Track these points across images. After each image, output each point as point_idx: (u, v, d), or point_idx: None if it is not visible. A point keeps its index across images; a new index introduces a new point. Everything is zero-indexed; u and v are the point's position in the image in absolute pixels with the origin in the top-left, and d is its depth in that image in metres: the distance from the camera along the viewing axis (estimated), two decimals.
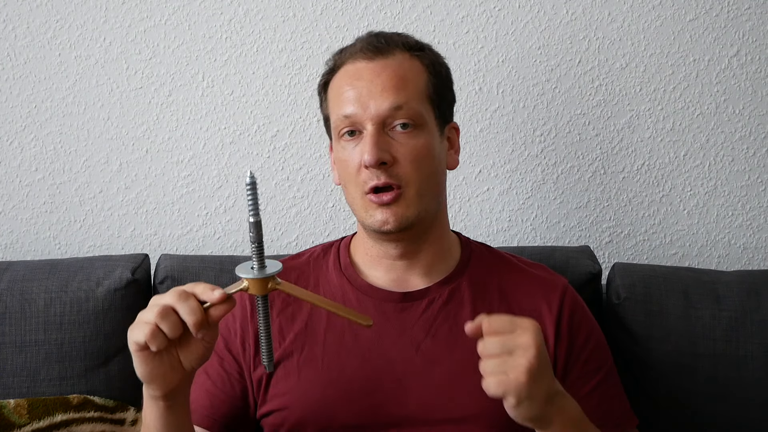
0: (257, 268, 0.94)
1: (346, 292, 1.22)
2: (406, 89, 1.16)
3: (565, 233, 1.68)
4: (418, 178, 1.16)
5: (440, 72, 1.23)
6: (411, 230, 1.18)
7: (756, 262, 1.69)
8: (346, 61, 1.20)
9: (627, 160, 1.66)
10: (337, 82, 1.21)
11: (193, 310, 0.93)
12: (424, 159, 1.17)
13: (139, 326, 0.94)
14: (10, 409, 1.34)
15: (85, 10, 1.58)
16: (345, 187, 1.21)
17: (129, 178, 1.62)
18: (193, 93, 1.61)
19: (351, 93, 1.17)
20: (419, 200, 1.16)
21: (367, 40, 1.21)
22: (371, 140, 1.14)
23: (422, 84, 1.19)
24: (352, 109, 1.16)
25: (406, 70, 1.18)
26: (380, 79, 1.16)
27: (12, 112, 1.60)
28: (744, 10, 1.63)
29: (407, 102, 1.16)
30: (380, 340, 1.18)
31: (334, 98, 1.21)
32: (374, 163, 1.13)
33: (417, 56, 1.20)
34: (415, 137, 1.16)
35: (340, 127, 1.18)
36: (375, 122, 1.15)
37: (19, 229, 1.63)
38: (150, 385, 0.99)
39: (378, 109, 1.15)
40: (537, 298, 1.22)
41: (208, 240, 1.65)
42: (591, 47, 1.63)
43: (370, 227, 1.18)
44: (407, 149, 1.15)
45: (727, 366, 1.42)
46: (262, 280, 0.94)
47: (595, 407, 1.18)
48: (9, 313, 1.40)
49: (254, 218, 0.92)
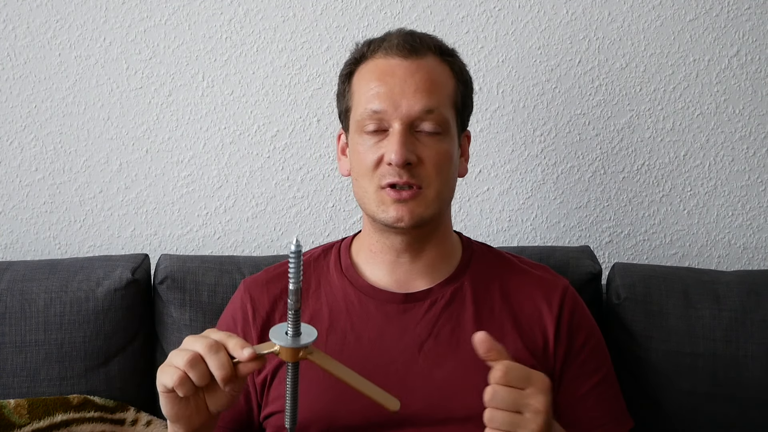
0: (291, 335, 0.92)
1: (348, 294, 1.22)
2: (438, 93, 1.16)
3: (565, 233, 1.68)
4: (439, 180, 1.16)
5: (467, 80, 1.23)
6: (420, 230, 1.18)
7: (756, 262, 1.70)
8: (377, 55, 1.18)
9: (627, 160, 1.66)
10: (366, 75, 1.19)
11: (222, 364, 0.92)
12: (445, 164, 1.17)
13: (169, 371, 0.94)
14: (10, 409, 1.34)
15: (85, 10, 1.58)
16: (356, 179, 1.19)
17: (129, 178, 1.62)
18: (193, 93, 1.61)
19: (382, 89, 1.15)
20: (436, 203, 1.17)
21: (402, 37, 1.19)
22: (400, 140, 1.13)
23: (451, 90, 1.19)
24: (382, 105, 1.15)
25: (438, 74, 1.18)
26: (414, 79, 1.15)
27: (12, 112, 1.60)
28: (744, 10, 1.63)
29: (438, 107, 1.15)
30: (382, 341, 1.18)
31: (360, 91, 1.19)
32: (401, 163, 1.13)
33: (447, 62, 1.20)
34: (440, 142, 1.16)
35: (365, 121, 1.17)
36: (404, 122, 1.14)
37: (19, 229, 1.63)
38: (175, 424, 0.99)
39: (410, 109, 1.14)
40: (538, 299, 1.22)
41: (208, 240, 1.65)
42: (591, 47, 1.63)
43: (382, 221, 1.17)
44: (432, 152, 1.15)
45: (727, 366, 1.42)
46: (294, 349, 0.93)
47: (591, 408, 1.19)
48: (9, 313, 1.40)
49: (294, 285, 0.91)
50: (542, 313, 1.21)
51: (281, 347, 0.93)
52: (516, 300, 1.22)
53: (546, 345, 1.19)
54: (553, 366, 1.19)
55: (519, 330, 1.19)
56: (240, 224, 1.65)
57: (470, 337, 1.17)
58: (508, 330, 1.19)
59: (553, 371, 1.19)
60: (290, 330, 0.92)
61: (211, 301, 1.44)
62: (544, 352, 1.19)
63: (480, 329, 1.17)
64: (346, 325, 1.19)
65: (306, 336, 0.93)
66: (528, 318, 1.20)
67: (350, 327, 1.19)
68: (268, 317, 1.22)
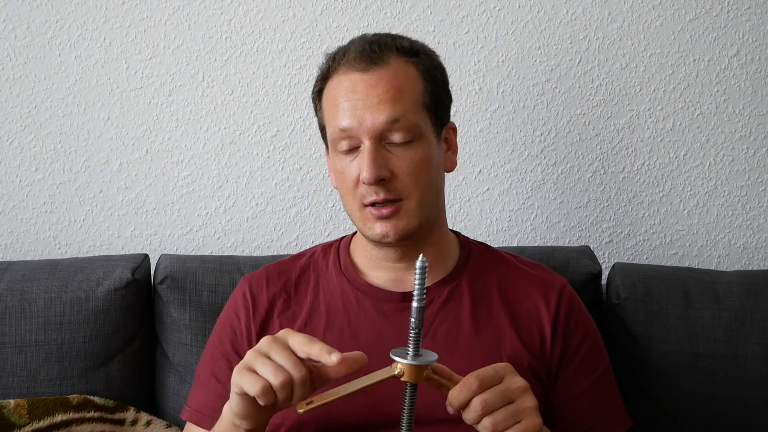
0: (412, 355, 0.92)
1: (346, 292, 1.22)
2: (402, 101, 1.14)
3: (565, 233, 1.68)
4: (418, 189, 1.15)
5: (436, 76, 1.20)
6: (411, 238, 1.18)
7: (756, 262, 1.70)
8: (340, 71, 1.17)
9: (627, 160, 1.66)
10: (332, 93, 1.18)
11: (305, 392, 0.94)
12: (422, 171, 1.16)
13: (251, 378, 0.93)
14: (10, 409, 1.34)
15: (85, 10, 1.58)
16: (343, 197, 1.20)
17: (129, 178, 1.62)
18: (193, 93, 1.61)
19: (346, 105, 1.15)
20: (420, 211, 1.16)
21: (360, 47, 1.17)
22: (369, 157, 1.13)
23: (418, 93, 1.17)
24: (348, 122, 1.14)
25: (402, 80, 1.16)
26: (375, 92, 1.14)
27: (12, 112, 1.60)
28: (744, 10, 1.63)
29: (404, 114, 1.14)
30: (379, 340, 1.18)
31: (329, 109, 1.19)
32: (373, 181, 1.12)
33: (412, 62, 1.18)
34: (413, 149, 1.15)
35: (337, 142, 1.17)
36: (371, 136, 1.13)
37: (19, 229, 1.63)
38: (241, 421, 1.00)
39: (375, 122, 1.13)
40: (535, 297, 1.22)
41: (208, 240, 1.65)
42: (591, 47, 1.63)
43: (369, 238, 1.18)
44: (405, 162, 1.14)
45: (727, 366, 1.42)
46: (418, 368, 0.92)
47: (588, 408, 1.19)
48: (9, 313, 1.40)
49: (418, 303, 0.90)
50: (540, 311, 1.21)
51: (405, 366, 0.91)
52: (513, 298, 1.22)
53: (543, 343, 1.19)
54: (550, 364, 1.19)
55: (516, 328, 1.19)
56: (240, 224, 1.65)
57: (467, 336, 1.18)
58: (506, 329, 1.19)
59: (550, 370, 1.19)
60: (411, 350, 0.91)
61: (211, 301, 1.44)
62: (541, 351, 1.19)
63: (477, 328, 1.18)
64: (343, 324, 1.19)
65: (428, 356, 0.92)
66: (525, 316, 1.21)
67: (347, 325, 1.19)
68: (267, 314, 1.22)
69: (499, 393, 0.95)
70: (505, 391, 0.95)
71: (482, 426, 0.95)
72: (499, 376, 0.96)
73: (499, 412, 0.95)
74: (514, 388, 0.96)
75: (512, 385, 0.96)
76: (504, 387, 0.96)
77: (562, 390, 1.19)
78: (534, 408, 0.96)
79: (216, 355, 1.22)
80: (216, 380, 1.20)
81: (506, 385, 0.96)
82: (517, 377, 0.97)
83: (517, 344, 1.18)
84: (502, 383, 0.96)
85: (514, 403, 0.95)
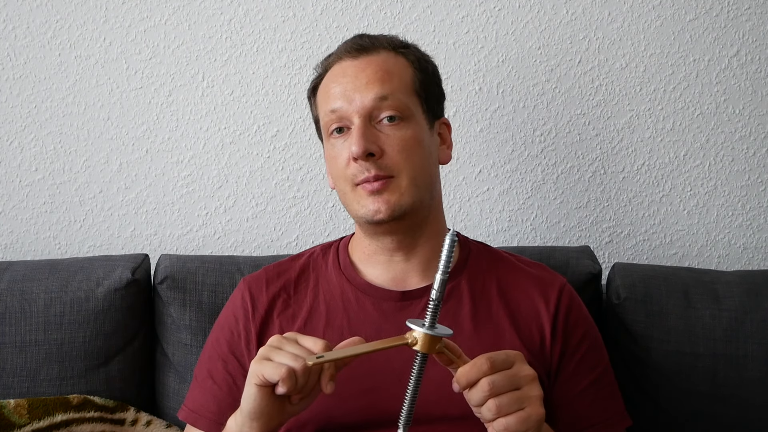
0: (428, 325, 0.93)
1: (345, 291, 1.22)
2: (390, 81, 1.17)
3: (565, 233, 1.68)
4: (410, 166, 1.16)
5: (426, 68, 1.24)
6: (404, 221, 1.18)
7: (756, 262, 1.69)
8: (333, 64, 1.22)
9: (627, 160, 1.66)
10: (325, 84, 1.22)
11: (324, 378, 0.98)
12: (413, 149, 1.17)
13: (271, 365, 0.96)
14: (10, 409, 1.34)
15: (85, 10, 1.58)
16: (336, 185, 1.21)
17: (129, 178, 1.62)
18: (193, 93, 1.61)
19: (337, 89, 1.18)
20: (412, 190, 1.16)
21: (352, 40, 1.23)
22: (358, 132, 1.15)
23: (408, 78, 1.20)
24: (338, 103, 1.17)
25: (391, 65, 1.19)
26: (365, 74, 1.17)
27: (12, 112, 1.60)
28: (744, 10, 1.63)
29: (392, 93, 1.16)
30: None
31: (321, 98, 1.22)
32: (361, 153, 1.14)
33: (402, 53, 1.22)
34: (403, 128, 1.17)
35: (328, 123, 1.19)
36: (361, 115, 1.16)
37: (19, 229, 1.63)
38: (253, 422, 1.00)
39: (363, 100, 1.16)
40: (535, 296, 1.22)
41: (208, 240, 1.65)
42: (591, 47, 1.63)
43: (363, 218, 1.18)
44: (395, 140, 1.16)
45: (727, 366, 1.42)
46: (432, 338, 0.93)
47: (587, 406, 1.19)
48: (9, 313, 1.40)
49: (443, 275, 0.92)
50: (539, 310, 1.21)
51: (421, 335, 0.92)
52: (513, 297, 1.22)
53: (543, 342, 1.19)
54: (550, 363, 1.19)
55: (516, 327, 1.19)
56: (240, 224, 1.65)
57: (467, 336, 1.18)
58: (505, 327, 1.19)
59: (550, 369, 1.19)
60: (428, 321, 0.93)
61: (211, 301, 1.44)
62: (540, 350, 1.19)
63: (477, 327, 1.19)
64: (343, 323, 1.20)
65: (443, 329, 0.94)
66: (525, 315, 1.21)
67: (347, 324, 1.19)
68: (266, 314, 1.22)
69: (508, 377, 0.96)
70: (513, 377, 0.96)
71: (486, 408, 0.95)
72: (509, 362, 0.97)
73: (505, 396, 0.95)
74: (523, 375, 0.96)
75: (521, 372, 0.97)
76: (513, 372, 0.96)
77: (562, 389, 1.19)
78: (539, 398, 0.97)
79: (213, 356, 1.23)
80: (212, 381, 1.20)
81: (515, 371, 0.96)
82: (526, 366, 0.98)
83: (516, 343, 1.18)
84: (511, 369, 0.96)
85: (520, 390, 0.96)
